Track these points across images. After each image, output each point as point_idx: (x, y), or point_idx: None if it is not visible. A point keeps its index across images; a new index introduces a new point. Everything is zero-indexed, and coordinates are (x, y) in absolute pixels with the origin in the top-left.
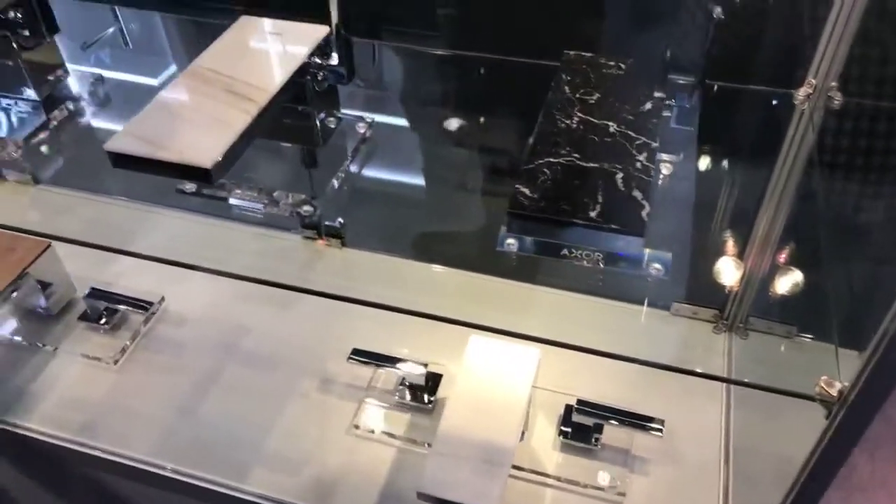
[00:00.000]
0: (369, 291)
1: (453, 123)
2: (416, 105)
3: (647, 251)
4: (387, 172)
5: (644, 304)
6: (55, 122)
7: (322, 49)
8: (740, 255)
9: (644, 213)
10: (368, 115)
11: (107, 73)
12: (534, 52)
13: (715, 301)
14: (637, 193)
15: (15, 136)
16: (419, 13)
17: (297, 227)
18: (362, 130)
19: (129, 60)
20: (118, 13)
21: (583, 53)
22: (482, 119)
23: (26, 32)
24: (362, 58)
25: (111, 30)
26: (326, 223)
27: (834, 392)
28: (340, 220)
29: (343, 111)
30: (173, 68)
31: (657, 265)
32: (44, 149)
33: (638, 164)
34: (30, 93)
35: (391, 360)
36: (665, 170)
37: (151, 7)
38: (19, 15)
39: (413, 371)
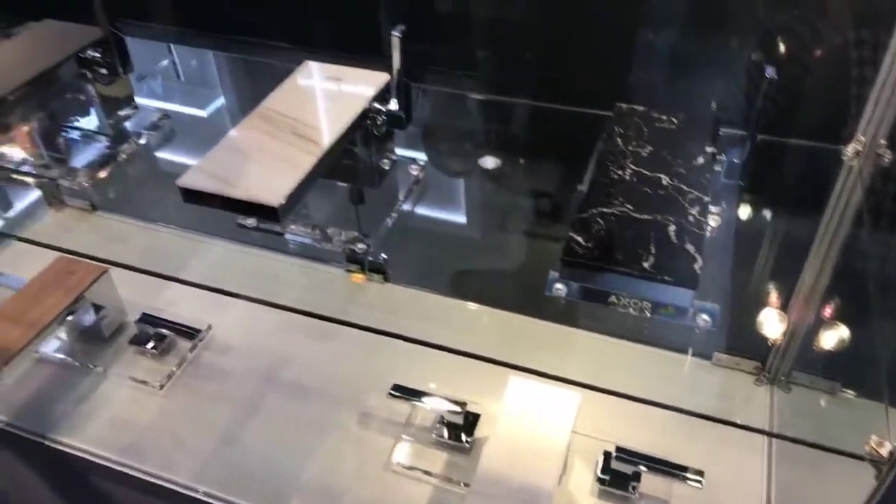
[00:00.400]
0: (411, 327)
1: (489, 162)
2: (467, 148)
3: (695, 302)
4: (437, 212)
5: (686, 353)
6: (123, 155)
7: (381, 94)
8: (784, 308)
9: (697, 267)
10: (421, 158)
11: (158, 104)
12: (584, 101)
13: (757, 353)
14: (689, 246)
15: (84, 167)
16: (474, 61)
17: (343, 261)
18: (415, 172)
19: (180, 92)
20: (172, 49)
21: (635, 107)
22: (531, 164)
23: (104, 70)
24: (420, 102)
25: (164, 62)
26: (370, 259)
27: (885, 452)
28: (383, 255)
29: (398, 153)
30: (221, 101)
31: (705, 316)
32: (106, 178)
33: (690, 218)
34: (101, 126)
35: (430, 398)
36: (714, 222)
37: (207, 46)
38: (98, 54)
39: (452, 409)
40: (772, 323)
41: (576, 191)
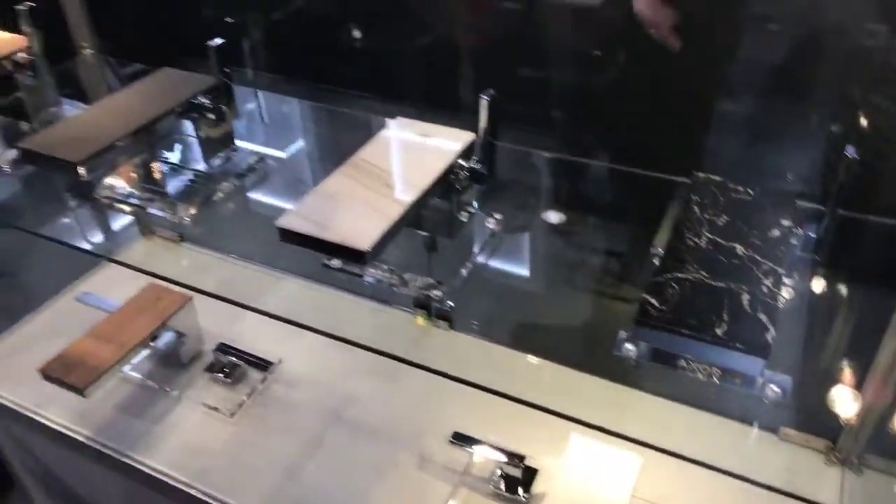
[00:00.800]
0: (473, 376)
1: (557, 218)
2: (544, 205)
3: (765, 371)
4: (510, 266)
5: (753, 424)
6: (221, 193)
7: (466, 151)
8: (859, 387)
9: (769, 336)
10: (499, 212)
11: (240, 143)
12: (659, 166)
13: (828, 431)
14: (762, 316)
15: (182, 202)
16: (555, 121)
17: (410, 305)
18: (491, 225)
19: (263, 133)
20: (258, 94)
21: (711, 176)
22: (604, 224)
23: (211, 115)
24: (501, 159)
25: (249, 105)
26: (437, 305)
27: None
28: (450, 303)
29: (476, 207)
30: (301, 144)
31: (775, 387)
32: (199, 213)
33: (764, 288)
34: (203, 165)
35: (490, 448)
36: (788, 294)
37: (301, 94)
38: (207, 100)
39: (511, 462)
40: (845, 401)
41: (647, 253)
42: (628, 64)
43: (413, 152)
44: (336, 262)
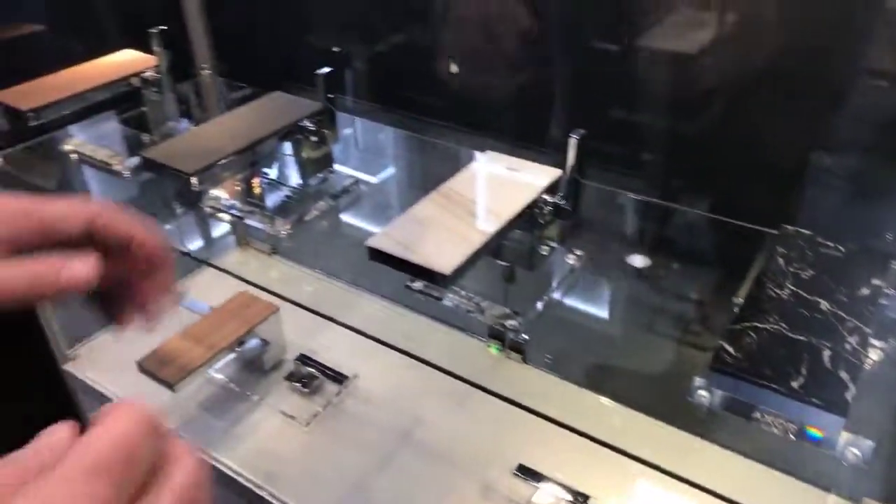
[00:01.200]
0: (543, 409)
1: (640, 261)
2: (624, 246)
3: (843, 433)
4: (586, 304)
5: (829, 490)
6: (316, 212)
7: (552, 187)
8: None
9: (849, 395)
10: (579, 249)
11: (338, 166)
12: (747, 216)
13: None
14: (843, 374)
15: (280, 216)
16: (643, 164)
17: (485, 334)
18: (572, 262)
19: (359, 158)
20: (357, 121)
21: (801, 230)
22: (686, 270)
23: (314, 138)
24: (586, 197)
25: (348, 130)
26: (511, 337)
27: None
28: (525, 335)
29: (558, 242)
30: (393, 171)
31: (855, 450)
32: (293, 228)
33: (847, 346)
34: (302, 184)
35: (553, 485)
36: (875, 356)
37: (397, 124)
38: (312, 125)
39: (575, 501)
40: None
41: (729, 302)
42: (724, 112)
43: (499, 185)
44: (419, 284)
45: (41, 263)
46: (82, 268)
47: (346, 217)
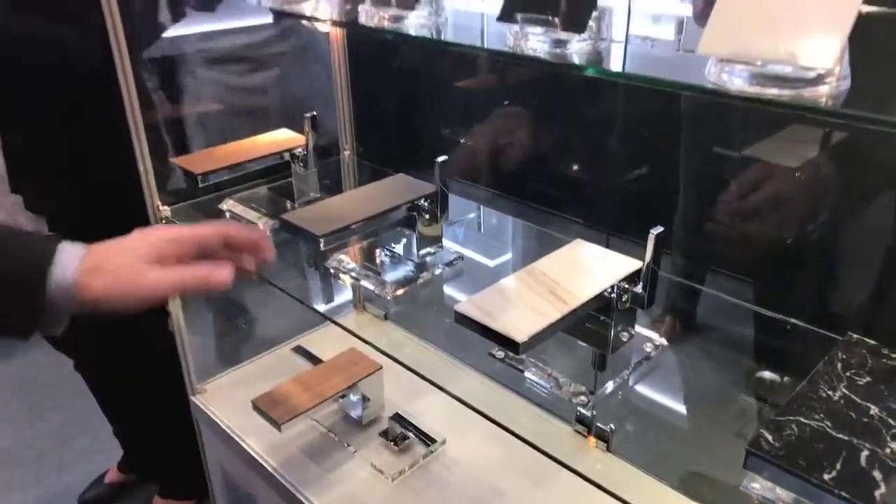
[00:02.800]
0: (620, 494)
1: (712, 354)
2: (702, 340)
3: None
4: (660, 393)
5: None
6: (421, 281)
7: (631, 276)
8: None
9: (878, 494)
10: (658, 339)
11: (456, 246)
12: (814, 319)
13: None
14: (876, 473)
15: (392, 282)
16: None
17: (573, 419)
18: (648, 349)
19: (476, 241)
20: (481, 208)
21: (865, 339)
22: (755, 366)
23: (427, 215)
24: (662, 289)
25: (471, 215)
26: (598, 425)
27: None
28: (612, 426)
29: (637, 329)
30: (508, 256)
31: None
32: (403, 295)
33: (887, 450)
34: (413, 256)
35: None
36: None
37: (505, 209)
38: (426, 203)
39: None
40: None
41: (784, 397)
42: (804, 222)
43: (582, 269)
44: (500, 353)
45: (200, 269)
46: (225, 273)
47: (448, 288)
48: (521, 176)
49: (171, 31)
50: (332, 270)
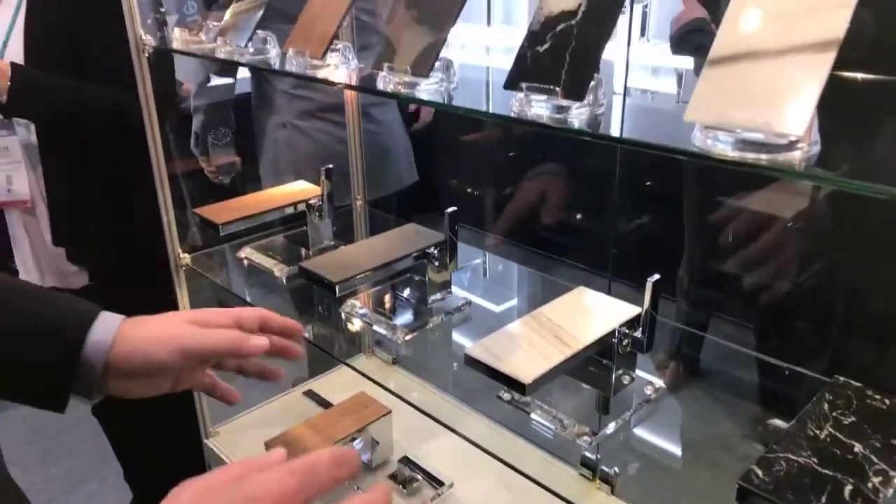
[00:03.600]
0: None
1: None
2: (697, 381)
3: None
4: (658, 435)
5: None
6: (430, 326)
7: (631, 322)
8: None
9: None
10: (659, 382)
11: (464, 292)
12: (802, 362)
13: None
14: None
15: (401, 327)
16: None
17: (577, 462)
18: (649, 392)
19: (484, 287)
20: (487, 254)
21: (851, 382)
22: (740, 407)
23: (436, 262)
24: (662, 335)
25: (477, 261)
26: (603, 468)
27: None
28: (615, 469)
29: (638, 372)
30: (514, 302)
31: None
32: (412, 340)
33: (869, 485)
34: (422, 301)
35: None
36: (890, 492)
37: (513, 255)
38: (436, 251)
39: None
40: None
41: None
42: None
43: (585, 315)
44: (507, 395)
45: (240, 334)
46: (260, 341)
47: (456, 333)
48: (529, 223)
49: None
50: (343, 315)
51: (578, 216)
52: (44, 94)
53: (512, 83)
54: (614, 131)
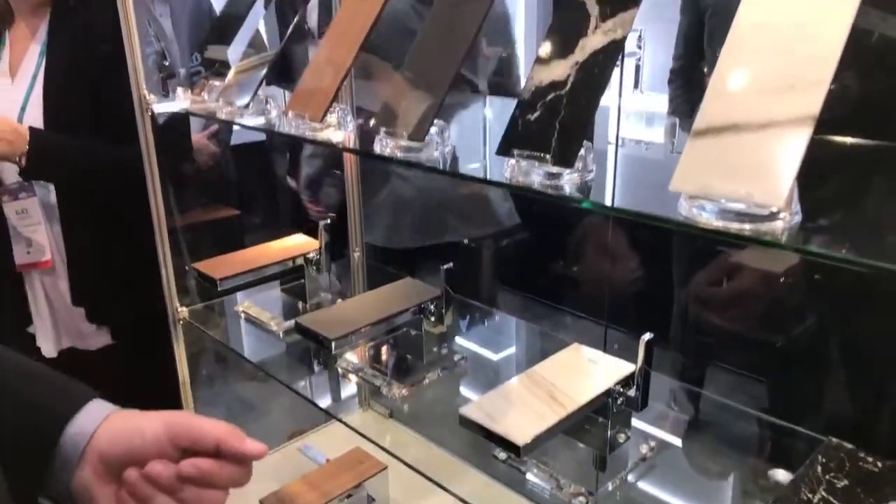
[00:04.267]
0: None
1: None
2: (688, 436)
3: None
4: (655, 493)
5: None
6: (427, 381)
7: (626, 380)
8: None
9: None
10: (654, 439)
11: (461, 345)
12: (798, 420)
13: None
14: None
15: (399, 381)
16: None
17: None
18: (644, 450)
19: (480, 340)
20: (482, 308)
21: (844, 443)
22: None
23: (433, 317)
24: (657, 390)
25: (476, 315)
26: None
27: None
28: None
29: (634, 429)
30: (511, 354)
31: None
32: (409, 395)
33: None
34: (420, 355)
35: None
36: None
37: (512, 305)
38: (433, 306)
39: None
40: None
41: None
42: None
43: (580, 373)
44: (503, 455)
45: (238, 432)
46: (257, 444)
47: (452, 387)
48: (528, 274)
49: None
50: (340, 370)
51: (575, 267)
52: (61, 156)
53: (504, 149)
54: (606, 198)
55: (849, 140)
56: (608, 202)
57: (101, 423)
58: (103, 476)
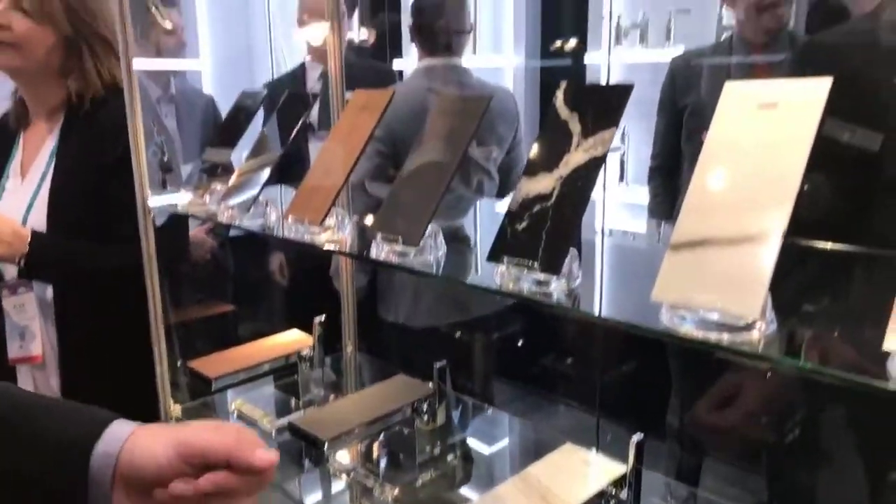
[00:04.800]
0: None
1: None
2: None
3: None
4: None
5: None
6: (420, 481)
7: (618, 481)
8: None
9: None
10: None
11: (455, 441)
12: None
13: None
14: None
15: (392, 483)
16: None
17: None
18: None
19: (474, 436)
20: (473, 403)
21: None
22: None
23: (426, 415)
24: (651, 487)
25: (468, 409)
26: None
27: None
28: None
29: None
30: (505, 450)
31: None
32: (401, 494)
33: None
34: (416, 453)
35: None
36: None
37: (508, 394)
38: (426, 404)
39: None
40: None
41: None
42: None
43: (572, 475)
44: None
45: (245, 443)
46: (265, 454)
47: (446, 486)
48: (521, 365)
49: None
50: (331, 469)
51: (569, 360)
52: (60, 260)
53: (494, 256)
54: (594, 307)
55: (819, 244)
56: (596, 312)
57: (123, 443)
58: (135, 498)
